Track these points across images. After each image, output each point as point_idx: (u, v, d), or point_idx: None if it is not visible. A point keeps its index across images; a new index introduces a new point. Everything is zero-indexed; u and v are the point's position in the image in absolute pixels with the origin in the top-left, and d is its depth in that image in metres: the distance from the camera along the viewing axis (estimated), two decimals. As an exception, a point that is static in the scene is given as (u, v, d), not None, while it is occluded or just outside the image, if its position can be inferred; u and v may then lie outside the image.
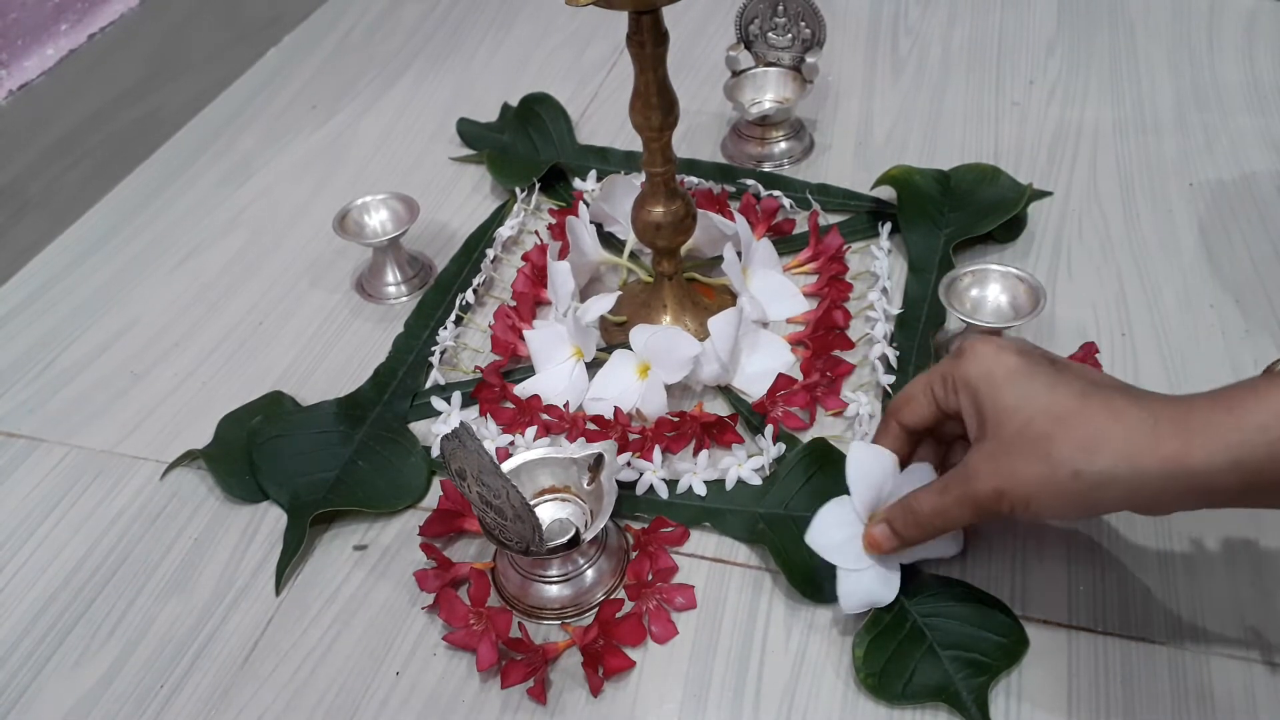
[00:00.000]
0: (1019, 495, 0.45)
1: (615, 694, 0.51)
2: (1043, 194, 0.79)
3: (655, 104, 0.59)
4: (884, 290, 0.70)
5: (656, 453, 0.60)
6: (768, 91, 0.86)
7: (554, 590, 0.54)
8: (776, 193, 0.79)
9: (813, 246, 0.74)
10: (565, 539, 0.52)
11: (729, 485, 0.59)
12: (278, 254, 0.82)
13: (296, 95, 1.01)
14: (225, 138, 0.95)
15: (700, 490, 0.59)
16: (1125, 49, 0.95)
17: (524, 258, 0.75)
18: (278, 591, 0.57)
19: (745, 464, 0.60)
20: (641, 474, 0.60)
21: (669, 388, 0.62)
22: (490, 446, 0.62)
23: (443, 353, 0.69)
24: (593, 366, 0.66)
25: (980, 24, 1.01)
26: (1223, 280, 0.71)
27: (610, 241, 0.77)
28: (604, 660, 0.51)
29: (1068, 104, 0.89)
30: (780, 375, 0.62)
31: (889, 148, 0.86)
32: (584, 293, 0.73)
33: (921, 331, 0.67)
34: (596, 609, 0.53)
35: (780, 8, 0.83)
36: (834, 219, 0.78)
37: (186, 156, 0.93)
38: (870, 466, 0.53)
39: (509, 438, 0.63)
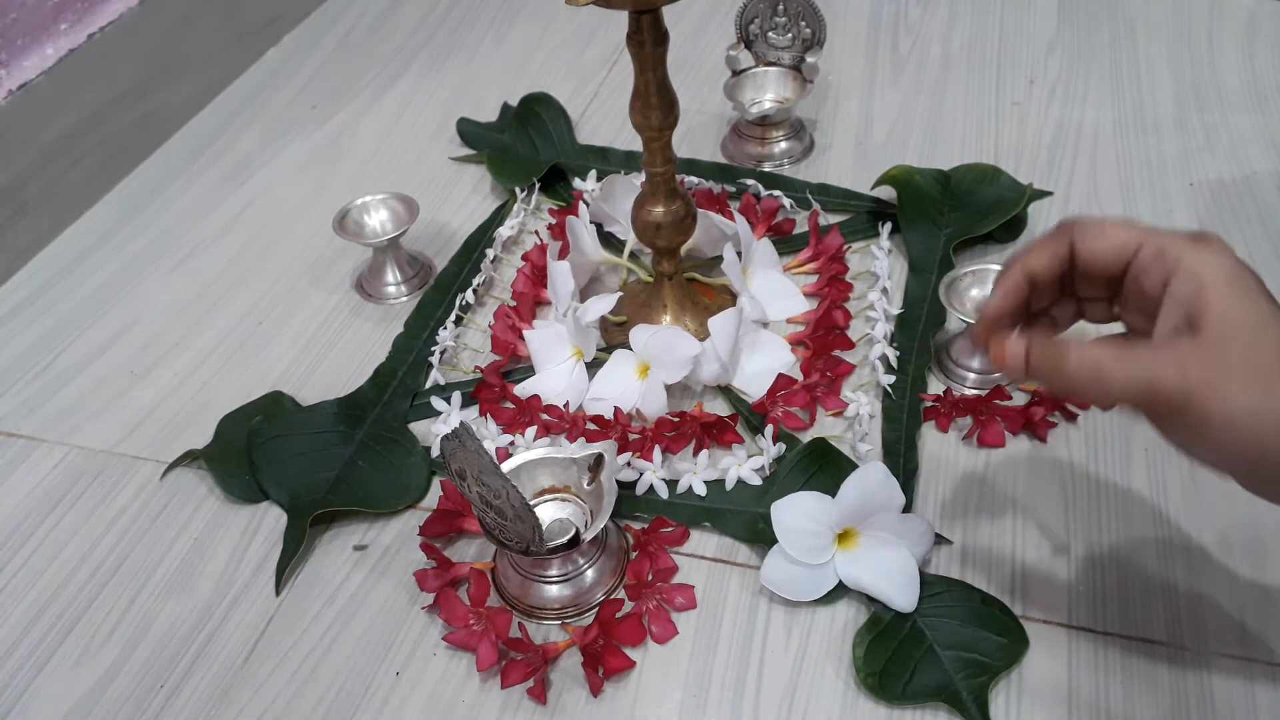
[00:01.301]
0: (1202, 409, 0.39)
1: (615, 694, 0.51)
2: (1043, 194, 0.79)
3: (655, 104, 0.59)
4: (884, 290, 0.70)
5: (656, 453, 0.60)
6: (768, 91, 0.86)
7: (554, 590, 0.54)
8: (776, 193, 0.79)
9: (813, 246, 0.74)
10: (565, 539, 0.52)
11: (729, 485, 0.59)
12: (278, 254, 0.82)
13: (296, 95, 1.01)
14: (225, 138, 0.95)
15: (700, 490, 0.59)
16: (1125, 49, 0.95)
17: (524, 258, 0.75)
18: (278, 591, 0.57)
19: (745, 464, 0.60)
20: (641, 474, 0.60)
21: (669, 388, 0.62)
22: (490, 446, 0.62)
23: (443, 353, 0.69)
24: (593, 366, 0.66)
25: (980, 24, 1.01)
26: (1223, 280, 0.71)
27: (610, 241, 0.77)
28: (604, 660, 0.51)
29: (1068, 104, 0.89)
30: (780, 375, 0.62)
31: (889, 148, 0.86)
32: (584, 293, 0.73)
33: (922, 331, 0.67)
34: (596, 609, 0.53)
35: (780, 7, 0.83)
36: (834, 219, 0.78)
37: (186, 156, 0.93)
38: (875, 490, 0.54)
39: (509, 438, 0.63)
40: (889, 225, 0.76)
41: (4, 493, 0.64)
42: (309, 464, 0.62)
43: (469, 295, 0.73)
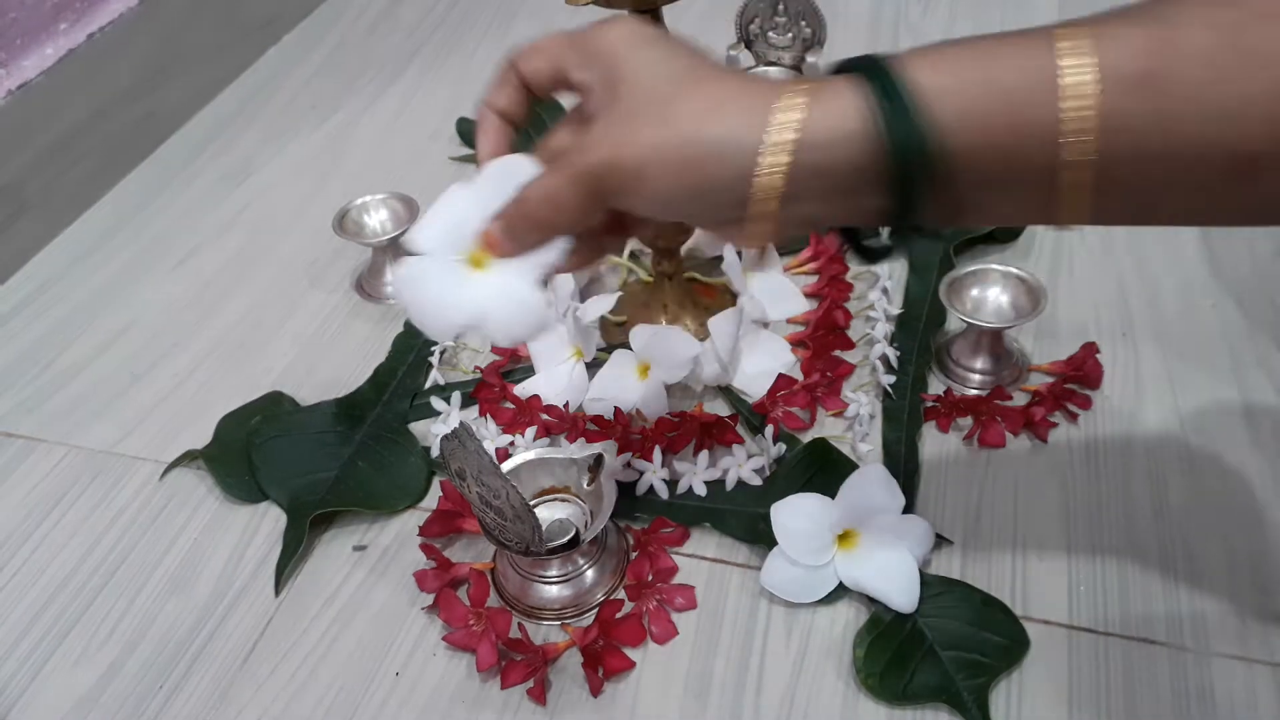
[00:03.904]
0: (631, 165, 0.38)
1: (615, 694, 0.51)
2: (1043, 194, 0.79)
3: (655, 104, 0.59)
4: (884, 290, 0.70)
5: (656, 453, 0.60)
6: (768, 91, 0.86)
7: (554, 590, 0.54)
8: (776, 192, 0.79)
9: (813, 246, 0.74)
10: (565, 539, 0.52)
11: (729, 485, 0.59)
12: (277, 254, 0.81)
13: (296, 95, 1.01)
14: (225, 138, 0.95)
15: (700, 490, 0.59)
16: (1125, 48, 0.95)
17: (524, 257, 0.75)
18: (277, 591, 0.57)
19: (745, 464, 0.60)
20: (641, 474, 0.60)
21: (669, 388, 0.62)
22: (490, 446, 0.62)
23: (442, 353, 0.69)
24: (593, 366, 0.66)
25: (980, 24, 1.01)
26: (1223, 280, 0.71)
27: (610, 241, 0.77)
28: (604, 660, 0.51)
29: (1068, 104, 0.89)
30: (780, 375, 0.62)
31: (889, 147, 0.86)
32: (584, 293, 0.73)
33: (922, 331, 0.67)
34: (596, 609, 0.53)
35: (780, 7, 0.83)
36: (834, 219, 0.78)
37: (186, 156, 0.93)
38: (875, 491, 0.54)
39: (509, 438, 0.63)
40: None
41: (4, 493, 0.64)
42: (308, 464, 0.62)
43: (469, 295, 0.73)
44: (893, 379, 0.64)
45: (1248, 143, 0.33)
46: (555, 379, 0.66)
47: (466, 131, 0.91)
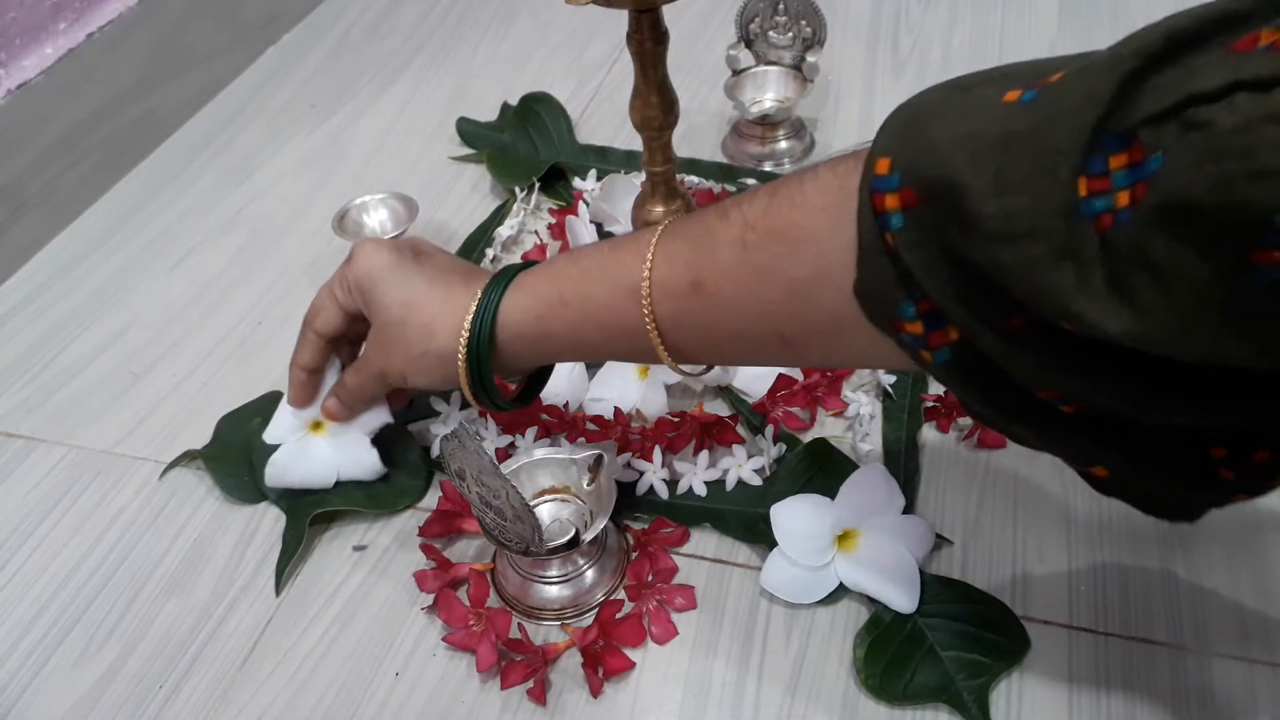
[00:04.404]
0: (398, 372, 0.53)
1: (615, 694, 0.51)
2: (1043, 193, 0.79)
3: (655, 103, 0.59)
4: (884, 290, 0.69)
5: (656, 453, 0.60)
6: (768, 90, 0.86)
7: (554, 591, 0.54)
8: (776, 192, 0.79)
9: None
10: (565, 539, 0.52)
11: (729, 485, 0.59)
12: (277, 254, 0.81)
13: (296, 94, 1.01)
14: (224, 137, 0.95)
15: (700, 490, 0.59)
16: (1125, 48, 0.95)
17: (524, 258, 0.75)
18: (277, 591, 0.57)
19: (745, 464, 0.60)
20: (641, 474, 0.60)
21: (669, 388, 0.62)
22: (490, 447, 0.62)
23: (442, 352, 0.69)
24: (593, 366, 0.66)
25: (981, 23, 1.01)
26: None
27: (610, 241, 0.77)
28: (604, 661, 0.51)
29: (1068, 103, 0.89)
30: (780, 375, 0.62)
31: (889, 147, 0.86)
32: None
33: (922, 331, 0.67)
34: (596, 609, 0.53)
35: (781, 6, 0.83)
36: (834, 218, 0.78)
37: (185, 156, 0.93)
38: (875, 491, 0.55)
39: (509, 438, 0.63)
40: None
41: (4, 493, 0.64)
42: (309, 464, 0.62)
43: (469, 295, 0.73)
44: (893, 379, 0.64)
45: (780, 329, 0.42)
46: (555, 379, 0.66)
47: (467, 131, 0.91)
